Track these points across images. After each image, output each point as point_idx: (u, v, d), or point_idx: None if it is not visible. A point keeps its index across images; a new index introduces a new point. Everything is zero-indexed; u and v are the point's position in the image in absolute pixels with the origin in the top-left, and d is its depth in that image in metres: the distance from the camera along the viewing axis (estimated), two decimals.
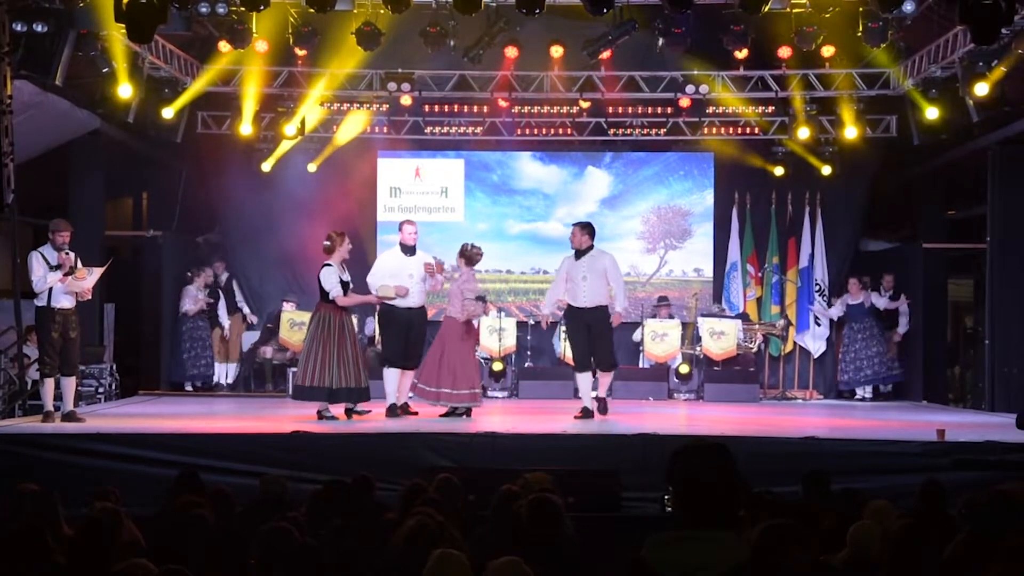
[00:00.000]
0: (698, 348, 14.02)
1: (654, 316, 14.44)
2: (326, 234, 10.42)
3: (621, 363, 14.42)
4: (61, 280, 9.80)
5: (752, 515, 4.94)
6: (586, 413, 10.62)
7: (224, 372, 14.57)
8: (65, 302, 9.90)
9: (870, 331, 14.29)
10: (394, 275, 10.63)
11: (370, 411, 10.56)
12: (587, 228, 10.78)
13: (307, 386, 10.03)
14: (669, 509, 3.20)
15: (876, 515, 5.28)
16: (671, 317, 14.40)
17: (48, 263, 9.83)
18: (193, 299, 14.26)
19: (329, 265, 10.16)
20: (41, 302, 9.84)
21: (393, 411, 10.61)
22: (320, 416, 10.13)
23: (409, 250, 10.84)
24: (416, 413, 10.74)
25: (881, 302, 14.37)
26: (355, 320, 10.97)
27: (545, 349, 14.75)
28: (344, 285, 10.14)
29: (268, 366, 14.52)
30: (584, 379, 10.81)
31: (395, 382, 10.76)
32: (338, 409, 10.27)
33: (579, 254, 10.66)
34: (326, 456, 8.58)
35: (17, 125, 9.88)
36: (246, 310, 14.81)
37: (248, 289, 15.07)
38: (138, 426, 9.76)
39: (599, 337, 10.66)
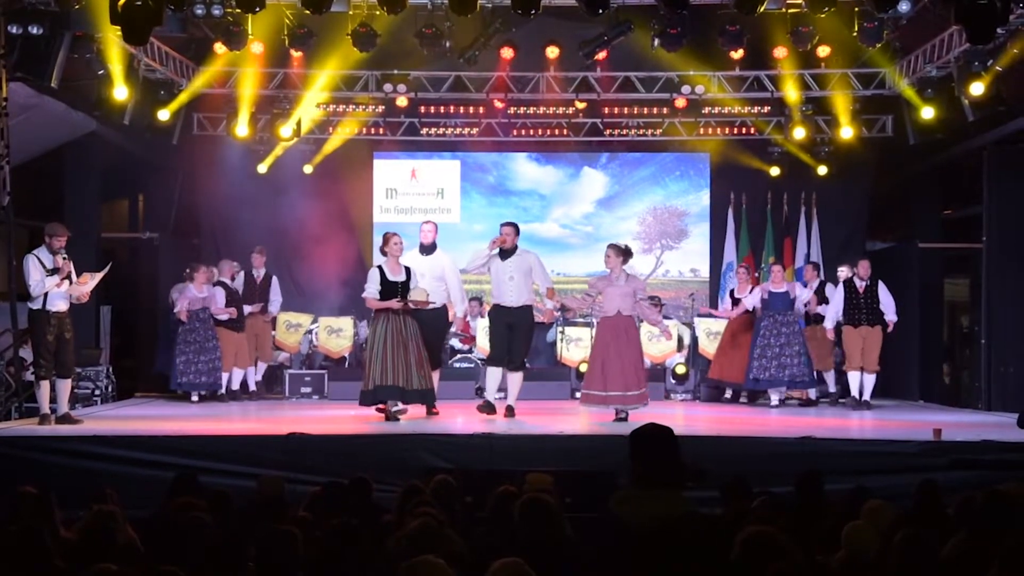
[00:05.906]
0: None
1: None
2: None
3: None
4: (58, 285, 9.76)
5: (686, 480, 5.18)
6: (488, 407, 10.50)
7: (247, 374, 13.23)
8: (60, 305, 9.85)
9: (794, 326, 12.23)
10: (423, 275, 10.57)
11: (406, 410, 10.36)
12: (516, 228, 10.84)
13: (362, 390, 10.09)
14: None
15: (872, 515, 5.28)
16: (667, 318, 14.38)
17: (44, 266, 9.79)
18: (192, 298, 12.81)
19: (379, 266, 10.19)
20: (36, 305, 9.77)
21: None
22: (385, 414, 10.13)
23: (426, 249, 10.90)
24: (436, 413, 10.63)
25: (805, 294, 12.44)
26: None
27: (543, 350, 14.71)
28: (392, 285, 10.00)
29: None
30: (493, 373, 10.78)
31: None
32: (369, 410, 10.22)
33: (505, 254, 10.68)
34: (323, 458, 8.55)
35: (13, 127, 9.89)
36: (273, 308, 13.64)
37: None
38: (135, 428, 9.72)
39: (521, 336, 10.72)
